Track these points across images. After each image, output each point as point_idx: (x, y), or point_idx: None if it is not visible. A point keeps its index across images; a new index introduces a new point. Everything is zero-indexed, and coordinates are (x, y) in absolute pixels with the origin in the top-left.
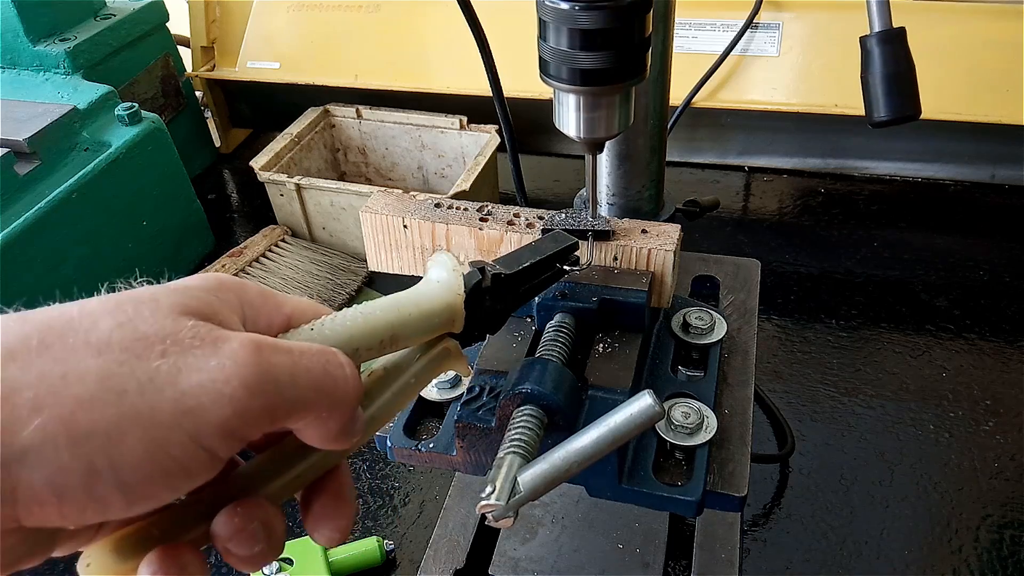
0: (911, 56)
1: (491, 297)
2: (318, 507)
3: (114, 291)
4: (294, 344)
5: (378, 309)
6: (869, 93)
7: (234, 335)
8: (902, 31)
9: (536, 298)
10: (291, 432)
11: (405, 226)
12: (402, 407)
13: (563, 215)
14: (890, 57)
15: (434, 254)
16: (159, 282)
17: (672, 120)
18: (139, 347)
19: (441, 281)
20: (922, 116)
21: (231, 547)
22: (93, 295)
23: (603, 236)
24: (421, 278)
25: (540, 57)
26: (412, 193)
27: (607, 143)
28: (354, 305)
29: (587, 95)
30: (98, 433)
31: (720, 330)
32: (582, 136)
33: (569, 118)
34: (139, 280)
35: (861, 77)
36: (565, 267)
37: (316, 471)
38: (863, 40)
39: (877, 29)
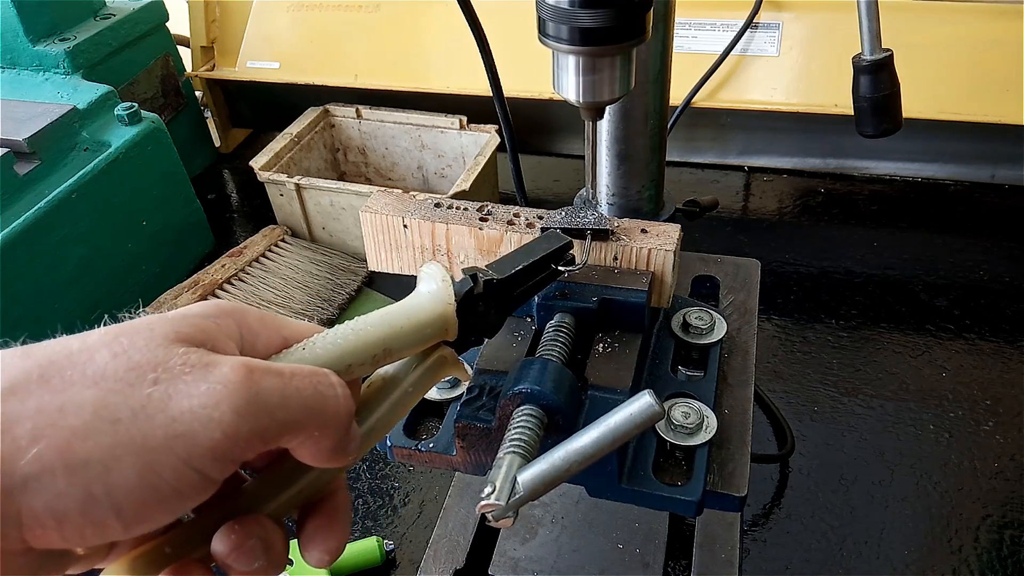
0: (896, 79)
1: (485, 303)
2: (311, 528)
3: (117, 321)
4: (285, 366)
5: (370, 324)
6: (859, 110)
7: (225, 359)
8: (889, 58)
9: (536, 298)
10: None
11: (405, 226)
12: (401, 416)
13: (561, 214)
14: (877, 85)
15: (424, 265)
16: (160, 281)
17: (672, 120)
18: (132, 376)
19: (432, 292)
20: (922, 116)
21: (231, 563)
22: (93, 295)
23: (601, 236)
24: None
25: (539, 17)
26: (412, 193)
27: (607, 140)
28: (346, 321)
29: (587, 55)
30: (93, 461)
31: (720, 330)
32: (581, 100)
33: (568, 81)
34: (140, 310)
35: (852, 94)
36: (560, 268)
37: (316, 487)
38: (854, 62)
39: (867, 57)
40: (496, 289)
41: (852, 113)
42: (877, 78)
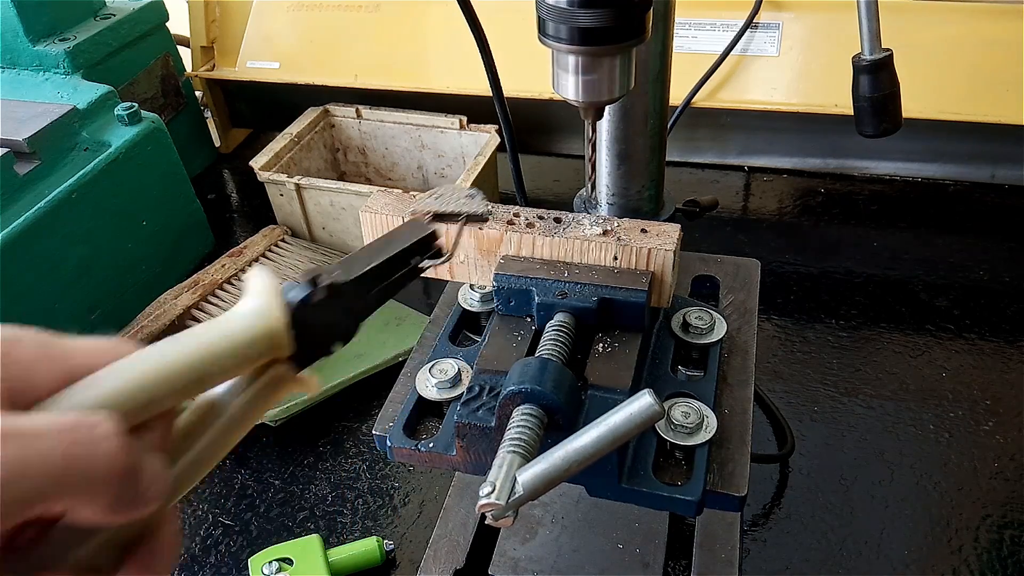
0: (896, 78)
1: (330, 310)
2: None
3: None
4: (33, 424)
5: (179, 348)
6: (859, 110)
7: None
8: (889, 58)
9: (536, 297)
10: None
11: None
12: (231, 444)
13: (433, 197)
14: (877, 84)
15: (250, 271)
16: (160, 281)
17: (672, 120)
18: None
19: (255, 308)
20: (922, 116)
21: None
22: (93, 295)
23: (477, 220)
24: (421, 279)
25: (538, 17)
26: (412, 193)
27: (607, 140)
28: (154, 344)
29: (587, 55)
30: None
31: (720, 330)
32: (580, 100)
33: (568, 81)
34: None
35: (852, 94)
36: (423, 264)
37: (131, 529)
38: (854, 62)
39: (867, 57)
40: (345, 291)
41: (852, 113)
42: (877, 78)
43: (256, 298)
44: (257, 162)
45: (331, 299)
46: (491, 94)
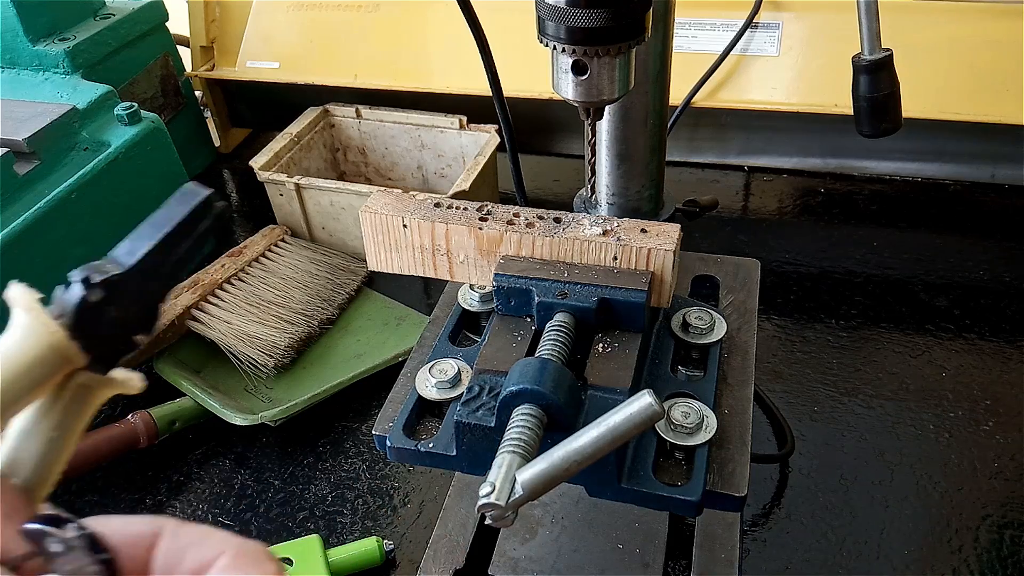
0: (896, 78)
1: (118, 303)
2: None
3: None
4: None
5: None
6: (858, 110)
7: None
8: (888, 58)
9: (536, 297)
10: None
11: (405, 226)
12: (59, 471)
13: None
14: (877, 84)
15: (9, 290)
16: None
17: (672, 120)
18: None
19: (24, 327)
20: (922, 116)
21: None
22: None
23: None
24: (420, 279)
25: (538, 17)
26: (412, 193)
27: (607, 140)
28: None
29: (585, 56)
30: None
31: (720, 330)
32: (579, 100)
33: (567, 81)
34: None
35: (852, 94)
36: (203, 228)
37: None
38: (854, 62)
39: (866, 56)
40: (125, 284)
41: (852, 113)
42: (876, 78)
43: (24, 314)
44: (257, 162)
45: (112, 295)
46: (491, 94)
